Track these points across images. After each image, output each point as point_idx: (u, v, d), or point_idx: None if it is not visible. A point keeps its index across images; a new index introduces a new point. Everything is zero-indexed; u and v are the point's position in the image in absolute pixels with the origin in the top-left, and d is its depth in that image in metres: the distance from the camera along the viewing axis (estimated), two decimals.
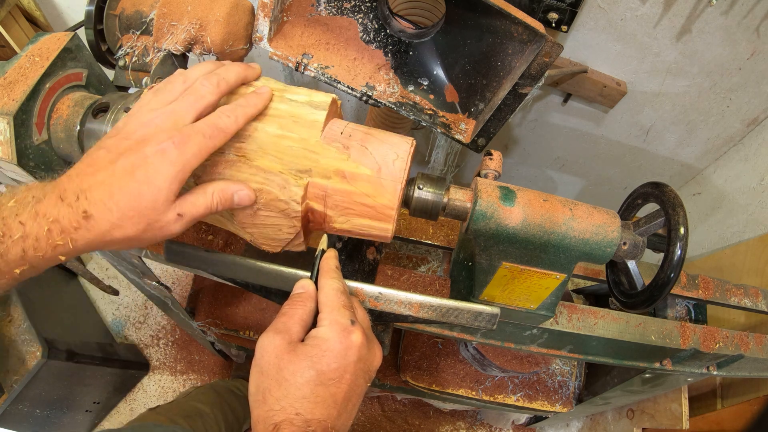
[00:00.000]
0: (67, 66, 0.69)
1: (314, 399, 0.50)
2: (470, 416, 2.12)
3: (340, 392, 0.52)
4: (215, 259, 0.68)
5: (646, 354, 1.03)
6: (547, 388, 1.52)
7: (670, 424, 1.44)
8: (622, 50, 1.45)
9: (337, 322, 0.53)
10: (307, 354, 0.51)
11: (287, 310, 0.56)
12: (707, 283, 1.13)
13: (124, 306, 2.13)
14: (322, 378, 0.50)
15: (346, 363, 0.52)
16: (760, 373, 1.14)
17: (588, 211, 0.70)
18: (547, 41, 0.73)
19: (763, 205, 1.59)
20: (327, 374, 0.51)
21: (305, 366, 0.50)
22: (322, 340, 0.52)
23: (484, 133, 0.88)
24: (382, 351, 0.58)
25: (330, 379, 0.51)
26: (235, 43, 0.79)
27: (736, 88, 1.52)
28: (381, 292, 0.65)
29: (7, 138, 0.61)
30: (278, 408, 0.49)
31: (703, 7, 1.28)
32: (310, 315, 0.56)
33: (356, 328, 0.54)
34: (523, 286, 0.77)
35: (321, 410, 0.50)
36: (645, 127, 1.75)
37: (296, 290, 0.59)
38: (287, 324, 0.54)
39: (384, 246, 0.96)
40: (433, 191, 0.67)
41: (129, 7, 0.83)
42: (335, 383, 0.51)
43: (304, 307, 0.56)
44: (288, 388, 0.50)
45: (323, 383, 0.51)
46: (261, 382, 0.51)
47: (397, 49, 0.88)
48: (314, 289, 0.59)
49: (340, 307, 0.55)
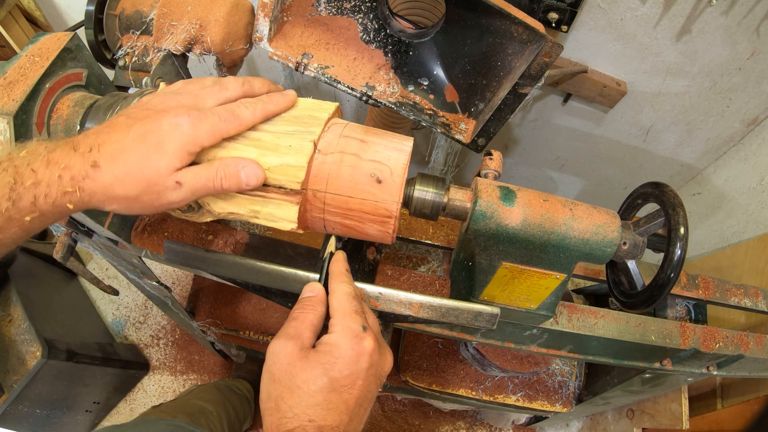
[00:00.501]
0: (67, 66, 0.69)
1: (327, 406, 0.50)
2: (470, 416, 2.12)
3: (352, 398, 0.52)
4: (215, 259, 0.68)
5: (646, 354, 1.03)
6: (547, 388, 1.52)
7: (670, 424, 1.44)
8: (622, 50, 1.45)
9: (349, 327, 0.53)
10: (319, 361, 0.51)
11: (298, 315, 0.55)
12: (707, 283, 1.13)
13: (124, 306, 2.13)
14: (334, 385, 0.51)
15: (358, 369, 0.52)
16: (760, 373, 1.14)
17: (588, 211, 0.70)
18: (547, 41, 0.73)
19: (763, 205, 1.59)
20: (339, 381, 0.51)
21: (318, 373, 0.50)
22: (335, 346, 0.52)
23: (484, 133, 0.88)
24: (392, 355, 0.58)
25: (342, 386, 0.51)
26: (235, 43, 0.79)
27: (736, 88, 1.52)
28: (381, 292, 0.64)
29: (7, 138, 0.61)
30: (291, 415, 0.49)
31: (703, 7, 1.28)
32: (321, 319, 0.56)
33: (368, 334, 0.54)
34: (523, 286, 0.77)
35: (333, 416, 0.50)
36: (645, 127, 1.75)
37: (306, 293, 0.59)
38: (299, 329, 0.54)
39: (384, 246, 0.96)
40: (433, 191, 0.67)
41: (129, 7, 0.83)
42: (347, 390, 0.51)
43: (314, 311, 0.56)
44: (301, 395, 0.50)
45: (336, 390, 0.51)
46: (273, 390, 0.51)
47: (397, 49, 0.88)
48: (324, 292, 0.59)
49: (352, 313, 0.55)
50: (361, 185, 0.58)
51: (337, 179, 0.58)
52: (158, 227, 0.90)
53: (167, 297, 1.16)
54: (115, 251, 0.96)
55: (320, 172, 0.58)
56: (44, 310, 1.64)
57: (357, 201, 0.59)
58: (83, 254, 2.22)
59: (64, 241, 0.86)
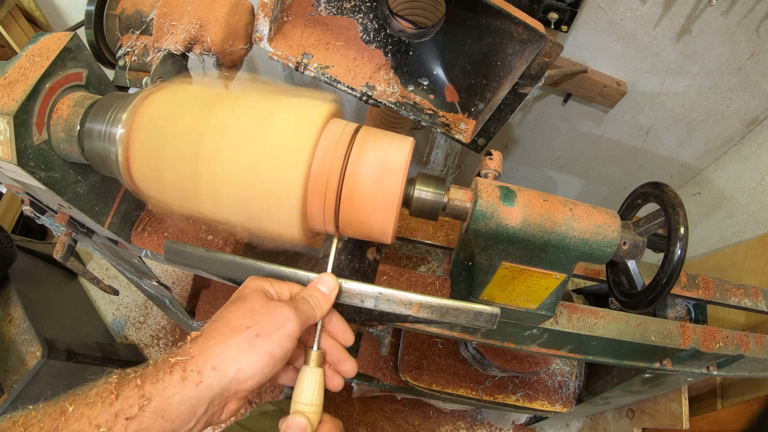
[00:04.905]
0: (67, 66, 0.69)
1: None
2: (470, 416, 2.12)
3: None
4: (215, 259, 0.68)
5: (646, 354, 1.03)
6: (547, 388, 1.52)
7: (670, 424, 1.44)
8: (622, 50, 1.45)
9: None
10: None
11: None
12: (707, 283, 1.13)
13: (124, 306, 2.13)
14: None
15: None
16: (760, 373, 1.14)
17: (588, 211, 0.70)
18: (547, 41, 0.73)
19: (763, 205, 1.59)
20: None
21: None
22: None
23: (484, 133, 0.88)
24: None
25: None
26: (235, 43, 0.79)
27: (736, 88, 1.52)
28: (381, 292, 0.64)
29: (7, 138, 0.61)
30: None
31: (703, 7, 1.28)
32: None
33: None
34: (523, 286, 0.77)
35: None
36: (645, 127, 1.75)
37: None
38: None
39: (384, 246, 0.96)
40: (433, 191, 0.67)
41: (129, 7, 0.83)
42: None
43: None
44: None
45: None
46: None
47: (397, 49, 0.88)
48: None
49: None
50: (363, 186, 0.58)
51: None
52: (158, 227, 0.90)
53: (167, 297, 1.16)
54: (115, 251, 0.96)
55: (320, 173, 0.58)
56: (44, 310, 1.64)
57: (357, 200, 0.59)
58: (83, 254, 2.22)
59: (64, 241, 0.86)
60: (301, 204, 0.58)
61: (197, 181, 0.59)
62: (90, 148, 0.66)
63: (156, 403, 0.45)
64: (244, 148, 0.58)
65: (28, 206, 0.84)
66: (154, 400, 0.45)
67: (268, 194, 0.58)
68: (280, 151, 0.57)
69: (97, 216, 0.80)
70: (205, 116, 0.59)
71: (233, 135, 0.58)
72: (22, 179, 0.69)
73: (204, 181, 0.59)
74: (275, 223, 0.60)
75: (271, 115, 0.59)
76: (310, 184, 0.58)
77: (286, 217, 0.59)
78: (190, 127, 0.59)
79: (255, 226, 0.62)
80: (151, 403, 0.45)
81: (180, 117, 0.61)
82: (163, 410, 0.45)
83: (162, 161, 0.61)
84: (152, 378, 0.47)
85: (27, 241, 1.85)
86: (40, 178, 0.67)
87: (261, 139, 0.57)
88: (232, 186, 0.58)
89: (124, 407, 0.44)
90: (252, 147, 0.57)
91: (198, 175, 0.59)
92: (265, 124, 0.59)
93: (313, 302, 0.59)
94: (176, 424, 0.46)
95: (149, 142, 0.61)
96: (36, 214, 0.85)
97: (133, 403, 0.45)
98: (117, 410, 0.44)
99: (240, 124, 0.59)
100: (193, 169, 0.59)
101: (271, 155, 0.57)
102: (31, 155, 0.65)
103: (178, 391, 0.46)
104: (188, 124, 0.60)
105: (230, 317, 0.53)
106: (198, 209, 0.63)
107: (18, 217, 1.93)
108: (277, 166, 0.57)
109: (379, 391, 1.65)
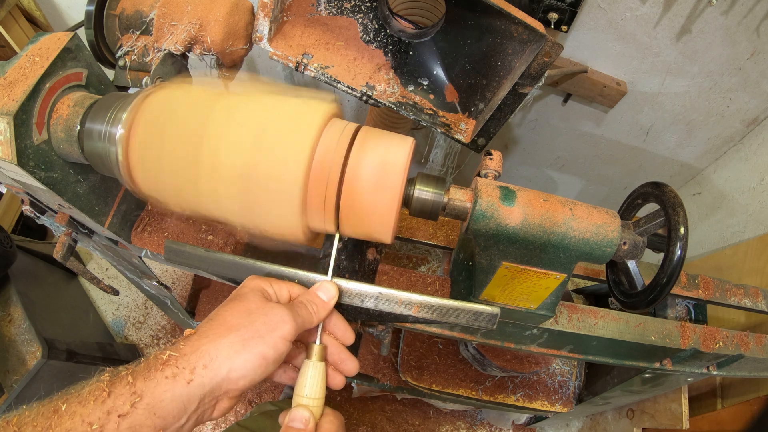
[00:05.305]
0: (67, 66, 0.69)
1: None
2: (470, 416, 2.12)
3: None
4: (215, 259, 0.68)
5: (646, 354, 1.03)
6: (547, 388, 1.52)
7: (670, 424, 1.44)
8: (622, 50, 1.45)
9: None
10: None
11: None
12: (707, 283, 1.13)
13: (124, 306, 2.13)
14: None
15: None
16: (760, 373, 1.14)
17: (588, 211, 0.70)
18: (547, 41, 0.73)
19: (763, 205, 1.59)
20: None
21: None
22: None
23: (484, 133, 0.88)
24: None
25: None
26: (235, 43, 0.79)
27: (736, 88, 1.52)
28: (381, 292, 0.64)
29: (7, 138, 0.61)
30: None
31: (703, 7, 1.28)
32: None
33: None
34: (523, 286, 0.77)
35: None
36: (645, 127, 1.75)
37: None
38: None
39: (384, 246, 0.96)
40: (433, 191, 0.67)
41: (129, 7, 0.83)
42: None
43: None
44: None
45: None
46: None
47: (397, 49, 0.88)
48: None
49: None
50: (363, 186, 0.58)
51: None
52: (158, 227, 0.90)
53: (167, 297, 1.16)
54: (115, 251, 0.96)
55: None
56: (44, 310, 1.64)
57: (356, 200, 0.59)
58: (83, 254, 2.22)
59: (64, 241, 0.86)
60: (301, 204, 0.58)
61: (197, 180, 0.59)
62: (90, 148, 0.66)
63: (147, 400, 0.45)
64: (244, 148, 0.58)
65: (28, 206, 0.84)
66: (145, 397, 0.45)
67: (268, 194, 0.58)
68: (280, 150, 0.57)
69: (97, 216, 0.80)
70: (205, 116, 0.59)
71: (233, 135, 0.58)
72: (22, 179, 0.69)
73: (204, 181, 0.59)
74: (275, 223, 0.60)
75: (271, 115, 0.59)
76: (310, 184, 0.58)
77: (286, 216, 0.59)
78: (190, 127, 0.59)
79: (255, 226, 0.62)
80: (142, 400, 0.45)
81: (180, 117, 0.61)
82: (154, 407, 0.45)
83: (162, 161, 0.61)
84: (144, 375, 0.47)
85: (27, 241, 1.85)
86: (40, 178, 0.67)
87: (261, 138, 0.57)
88: (232, 185, 0.58)
89: (117, 405, 0.44)
90: (252, 146, 0.57)
91: (198, 175, 0.59)
92: (265, 123, 0.59)
93: (312, 308, 0.59)
94: (167, 421, 0.46)
95: (149, 142, 0.61)
96: (36, 214, 0.85)
97: (125, 400, 0.45)
98: (109, 408, 0.44)
99: (240, 124, 0.59)
100: (193, 168, 0.59)
101: (271, 155, 0.57)
102: (31, 155, 0.65)
103: (170, 388, 0.46)
104: (188, 124, 0.60)
105: (226, 316, 0.53)
106: (198, 208, 0.63)
107: (18, 217, 1.93)
108: (277, 166, 0.57)
109: (379, 391, 1.65)
